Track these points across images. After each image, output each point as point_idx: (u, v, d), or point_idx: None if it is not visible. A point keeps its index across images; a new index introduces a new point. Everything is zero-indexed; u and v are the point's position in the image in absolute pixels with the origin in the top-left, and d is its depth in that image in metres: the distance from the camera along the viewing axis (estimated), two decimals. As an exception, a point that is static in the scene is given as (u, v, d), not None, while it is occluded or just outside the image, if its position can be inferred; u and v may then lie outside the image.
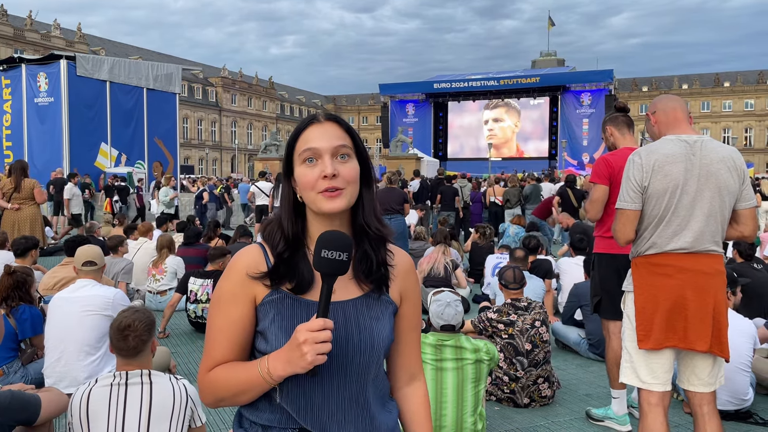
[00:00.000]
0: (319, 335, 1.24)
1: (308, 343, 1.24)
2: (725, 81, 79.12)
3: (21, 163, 9.53)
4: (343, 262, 1.29)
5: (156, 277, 7.65)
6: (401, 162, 25.33)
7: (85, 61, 20.36)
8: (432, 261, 7.70)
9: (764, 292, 5.96)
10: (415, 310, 1.58)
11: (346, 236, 1.31)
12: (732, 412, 4.20)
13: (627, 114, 4.11)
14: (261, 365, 1.33)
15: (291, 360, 1.27)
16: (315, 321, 1.26)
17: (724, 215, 2.85)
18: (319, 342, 1.24)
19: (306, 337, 1.24)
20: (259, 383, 1.34)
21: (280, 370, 1.29)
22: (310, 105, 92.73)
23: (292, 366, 1.27)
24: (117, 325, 2.81)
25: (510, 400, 4.49)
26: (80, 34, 59.28)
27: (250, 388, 1.36)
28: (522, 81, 38.96)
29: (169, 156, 23.56)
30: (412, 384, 1.61)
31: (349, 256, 1.30)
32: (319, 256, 1.29)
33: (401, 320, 1.55)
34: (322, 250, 1.28)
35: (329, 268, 1.29)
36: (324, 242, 1.29)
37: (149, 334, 2.84)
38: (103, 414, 2.63)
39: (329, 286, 1.30)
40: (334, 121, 1.43)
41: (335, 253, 1.28)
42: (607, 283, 3.88)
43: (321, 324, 1.25)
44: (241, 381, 1.37)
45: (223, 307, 1.43)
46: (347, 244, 1.30)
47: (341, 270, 1.30)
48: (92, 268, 4.43)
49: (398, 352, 1.58)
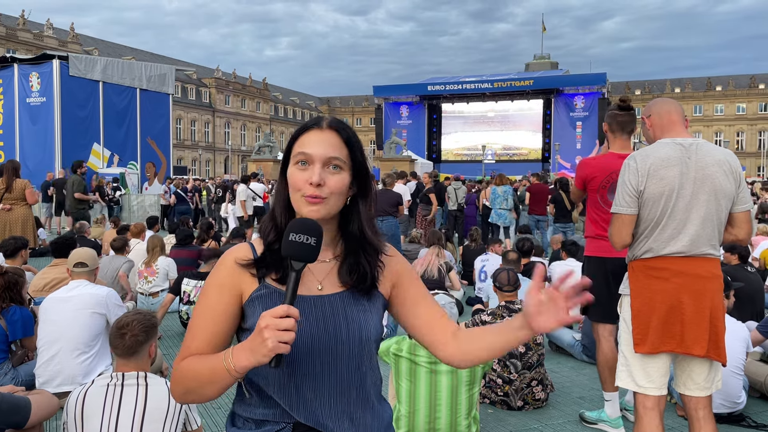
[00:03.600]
0: (281, 322, 1.20)
1: (270, 329, 1.20)
2: (717, 85, 79.59)
3: (13, 164, 9.46)
4: (312, 246, 1.29)
5: (148, 279, 7.60)
6: (395, 164, 25.31)
7: (77, 61, 20.28)
8: (426, 263, 7.68)
9: (756, 295, 5.98)
10: (415, 282, 1.58)
11: (315, 223, 1.32)
12: (725, 415, 4.21)
13: (627, 112, 3.94)
14: (225, 356, 1.30)
15: (253, 348, 1.23)
16: (279, 307, 1.23)
17: (721, 219, 2.84)
18: (282, 329, 1.20)
19: (268, 323, 1.20)
20: (223, 375, 1.29)
21: (243, 360, 1.25)
22: (303, 106, 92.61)
23: (254, 354, 1.23)
24: (116, 323, 2.88)
25: (504, 402, 4.49)
26: (73, 34, 59.00)
27: (215, 380, 1.32)
28: (516, 84, 38.97)
29: (162, 157, 23.50)
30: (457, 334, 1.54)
31: (318, 242, 1.30)
32: (287, 239, 1.29)
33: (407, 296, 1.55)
34: (290, 234, 1.29)
35: (296, 251, 1.28)
36: (293, 227, 1.30)
37: (146, 335, 2.85)
38: (97, 414, 2.64)
39: (297, 273, 1.28)
40: (334, 130, 1.44)
41: (303, 237, 1.28)
42: (595, 286, 3.87)
43: (284, 310, 1.21)
44: (207, 372, 1.33)
45: (208, 296, 1.44)
46: (316, 229, 1.30)
47: (309, 254, 1.29)
48: (84, 269, 4.47)
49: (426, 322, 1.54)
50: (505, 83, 39.25)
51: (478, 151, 39.85)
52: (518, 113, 41.85)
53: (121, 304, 4.47)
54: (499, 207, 13.22)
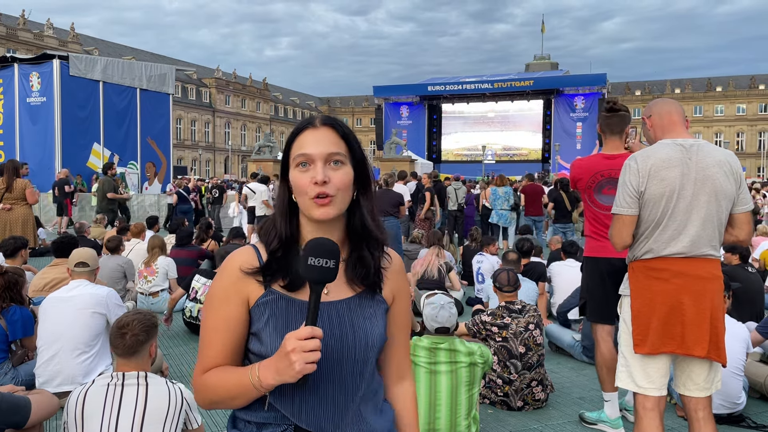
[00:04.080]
0: (307, 344, 1.23)
1: (296, 352, 1.23)
2: (717, 86, 79.59)
3: (13, 163, 9.45)
4: (331, 269, 1.29)
5: (147, 278, 7.60)
6: (395, 164, 25.32)
7: (78, 60, 20.25)
8: (426, 263, 7.69)
9: (756, 295, 5.98)
10: (405, 309, 1.60)
11: (332, 243, 1.31)
12: (725, 416, 4.21)
13: (616, 114, 3.99)
14: (252, 373, 1.32)
15: (279, 369, 1.26)
16: (303, 329, 1.25)
17: (721, 219, 2.84)
18: (308, 351, 1.23)
19: (294, 345, 1.23)
20: (250, 390, 1.34)
21: (270, 380, 1.29)
22: (304, 106, 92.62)
23: (281, 375, 1.27)
24: (117, 323, 2.89)
25: (503, 403, 4.48)
26: (73, 34, 59.01)
27: (242, 394, 1.36)
28: (516, 84, 38.98)
29: (162, 157, 23.47)
30: (401, 384, 1.63)
31: (336, 263, 1.30)
32: (306, 264, 1.29)
33: (392, 319, 1.56)
34: (309, 258, 1.28)
35: (317, 276, 1.29)
36: (310, 250, 1.29)
37: (146, 335, 2.86)
38: (98, 414, 2.65)
39: (317, 294, 1.29)
40: (330, 126, 1.43)
41: (322, 261, 1.28)
42: (591, 286, 3.91)
43: (309, 332, 1.24)
44: (233, 387, 1.37)
45: (216, 306, 1.44)
46: (334, 251, 1.30)
47: (329, 277, 1.30)
48: (84, 269, 4.47)
49: (389, 351, 1.59)
50: (506, 84, 39.26)
51: (478, 151, 39.86)
52: (518, 114, 41.86)
53: (121, 304, 4.47)
54: (500, 208, 13.27)
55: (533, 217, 13.38)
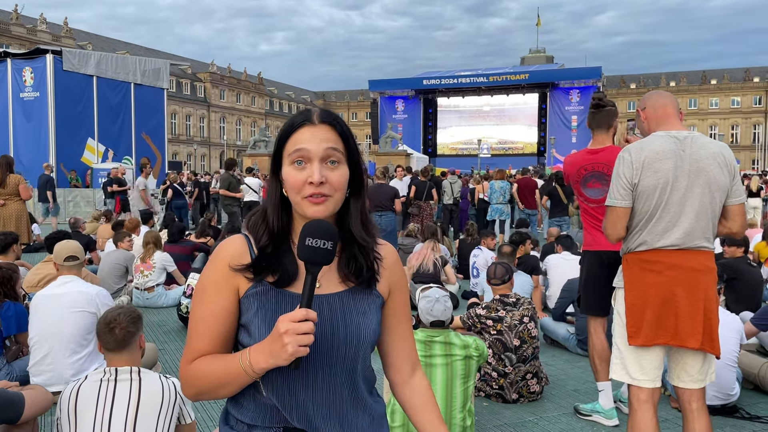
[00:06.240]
0: (300, 326, 1.21)
1: (289, 334, 1.21)
2: (712, 78, 79.66)
3: (6, 159, 9.38)
4: (328, 250, 1.28)
5: (144, 273, 7.59)
6: (391, 158, 25.30)
7: (71, 55, 20.16)
8: (421, 257, 7.69)
9: (755, 288, 6.00)
10: (405, 301, 1.59)
11: (331, 225, 1.30)
12: (719, 407, 4.22)
13: (602, 109, 4.04)
14: (242, 357, 1.30)
15: (272, 351, 1.24)
16: (297, 311, 1.24)
17: (715, 211, 2.84)
18: (301, 333, 1.21)
19: (287, 327, 1.21)
20: (240, 376, 1.31)
21: (262, 363, 1.27)
22: (299, 101, 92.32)
23: (274, 358, 1.24)
24: (103, 320, 2.88)
25: (499, 395, 4.49)
26: (67, 29, 58.66)
27: (231, 381, 1.34)
28: (511, 78, 38.93)
29: (156, 152, 23.41)
30: (416, 374, 1.62)
31: (334, 245, 1.28)
32: (303, 244, 1.27)
33: (394, 312, 1.55)
34: (306, 238, 1.27)
35: (313, 256, 1.27)
36: (308, 231, 1.28)
37: (135, 327, 2.87)
38: (91, 409, 2.64)
39: (313, 276, 1.28)
40: (328, 124, 1.39)
41: (320, 242, 1.27)
42: (586, 279, 3.96)
43: (303, 314, 1.23)
44: (222, 373, 1.34)
45: (206, 297, 1.42)
46: (332, 233, 1.29)
47: (325, 259, 1.28)
48: (74, 263, 4.42)
49: (397, 344, 1.58)
50: (501, 77, 39.21)
51: (473, 145, 39.87)
52: (514, 107, 41.86)
53: (111, 303, 4.42)
54: (496, 202, 13.32)
55: (527, 211, 13.43)
